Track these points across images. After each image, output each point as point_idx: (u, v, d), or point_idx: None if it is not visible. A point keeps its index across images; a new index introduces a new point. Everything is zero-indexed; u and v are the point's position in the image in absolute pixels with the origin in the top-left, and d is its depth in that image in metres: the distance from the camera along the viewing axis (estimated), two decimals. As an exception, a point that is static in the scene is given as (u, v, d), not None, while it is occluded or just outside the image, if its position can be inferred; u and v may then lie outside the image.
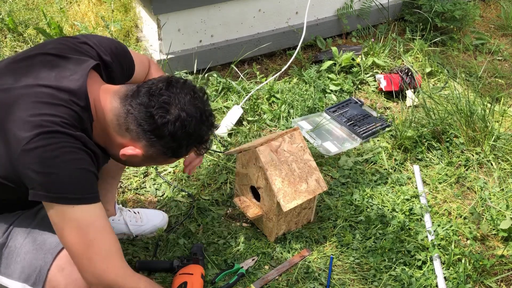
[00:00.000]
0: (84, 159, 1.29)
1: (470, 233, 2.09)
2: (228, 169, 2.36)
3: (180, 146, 1.37)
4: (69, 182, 1.26)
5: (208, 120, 1.40)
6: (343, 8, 3.38)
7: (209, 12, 2.84)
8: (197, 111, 1.35)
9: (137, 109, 1.31)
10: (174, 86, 1.34)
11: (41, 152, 1.22)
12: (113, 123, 1.34)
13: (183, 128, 1.32)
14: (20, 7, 3.42)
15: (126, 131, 1.33)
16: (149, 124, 1.30)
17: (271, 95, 2.83)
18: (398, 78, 2.92)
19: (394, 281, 1.90)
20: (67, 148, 1.25)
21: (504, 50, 3.52)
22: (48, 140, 1.23)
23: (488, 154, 2.45)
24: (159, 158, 1.41)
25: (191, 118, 1.33)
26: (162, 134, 1.32)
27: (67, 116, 1.27)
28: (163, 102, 1.31)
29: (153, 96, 1.31)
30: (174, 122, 1.31)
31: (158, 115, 1.30)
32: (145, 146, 1.35)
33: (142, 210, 2.06)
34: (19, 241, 1.42)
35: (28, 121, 1.24)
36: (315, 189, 1.95)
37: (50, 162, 1.23)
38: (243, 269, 1.89)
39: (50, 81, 1.31)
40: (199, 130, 1.37)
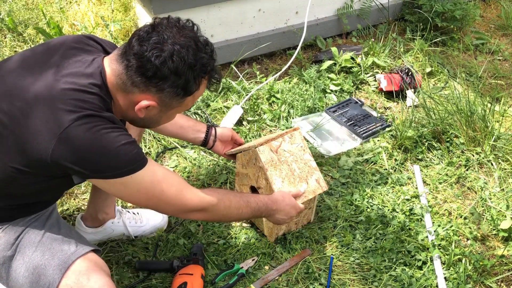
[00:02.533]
0: (121, 134, 1.32)
1: (470, 233, 2.09)
2: (228, 169, 2.35)
3: (188, 81, 1.34)
4: (115, 160, 1.30)
5: (206, 48, 1.38)
6: (343, 8, 3.38)
7: (209, 12, 2.84)
8: (190, 40, 1.34)
9: (134, 60, 1.31)
10: (159, 25, 1.34)
11: (81, 139, 1.25)
12: (119, 84, 1.35)
13: (182, 61, 1.31)
14: (19, 7, 3.41)
15: (132, 86, 1.34)
16: (149, 69, 1.30)
17: (271, 95, 2.82)
18: (398, 78, 2.92)
19: (394, 281, 1.90)
20: (104, 130, 1.28)
21: (504, 50, 3.52)
22: (84, 126, 1.26)
23: (488, 154, 2.45)
24: (174, 103, 1.40)
25: (186, 48, 1.32)
26: (165, 74, 1.31)
27: (92, 99, 1.31)
28: (154, 42, 1.30)
29: (143, 42, 1.31)
30: (171, 57, 1.30)
31: (154, 56, 1.29)
32: (156, 93, 1.35)
33: (142, 210, 2.06)
34: (28, 254, 1.42)
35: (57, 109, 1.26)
36: (315, 189, 1.95)
37: (90, 149, 1.27)
38: (243, 270, 1.89)
39: (69, 70, 1.34)
40: (200, 59, 1.35)
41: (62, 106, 1.27)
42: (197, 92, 1.41)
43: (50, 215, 1.56)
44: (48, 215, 1.55)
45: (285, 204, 1.79)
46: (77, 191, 2.20)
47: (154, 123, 1.51)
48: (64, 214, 2.09)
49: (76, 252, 1.42)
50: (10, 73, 1.37)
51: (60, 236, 1.47)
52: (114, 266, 1.89)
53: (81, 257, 1.41)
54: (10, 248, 1.43)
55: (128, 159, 1.32)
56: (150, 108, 1.38)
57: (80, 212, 2.09)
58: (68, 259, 1.40)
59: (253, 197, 1.72)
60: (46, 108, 1.27)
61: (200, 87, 1.41)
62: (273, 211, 1.76)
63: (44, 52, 1.41)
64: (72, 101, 1.28)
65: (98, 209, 1.90)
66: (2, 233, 1.44)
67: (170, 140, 2.49)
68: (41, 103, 1.28)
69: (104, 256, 1.93)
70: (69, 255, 1.41)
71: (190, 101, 1.44)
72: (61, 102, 1.27)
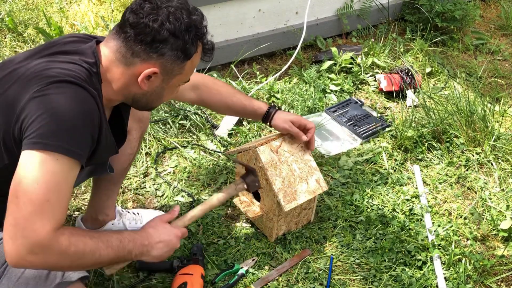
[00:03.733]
0: (89, 115, 1.27)
1: (470, 233, 2.09)
2: (228, 169, 2.35)
3: (186, 42, 1.34)
4: (66, 133, 1.21)
5: (196, 11, 1.39)
6: (343, 8, 3.38)
7: (209, 12, 2.84)
8: (182, 3, 1.35)
9: (131, 29, 1.31)
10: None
11: (51, 98, 1.22)
12: (118, 59, 1.35)
13: (179, 21, 1.32)
14: (20, 7, 3.42)
15: (132, 56, 1.33)
16: (147, 34, 1.30)
17: (271, 95, 2.82)
18: (398, 78, 2.92)
19: (394, 281, 1.90)
20: (79, 98, 1.25)
21: (504, 50, 3.52)
22: (59, 89, 1.23)
23: (488, 154, 2.45)
24: (176, 68, 1.38)
25: (180, 10, 1.33)
26: (164, 37, 1.31)
27: (79, 71, 1.29)
28: (149, 9, 1.31)
29: (138, 11, 1.32)
30: (168, 18, 1.30)
31: (151, 21, 1.30)
32: (157, 59, 1.34)
33: (142, 210, 2.06)
34: (12, 279, 1.35)
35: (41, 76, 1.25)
36: (315, 189, 1.95)
37: (53, 111, 1.21)
38: (243, 270, 1.89)
39: (62, 49, 1.34)
40: (194, 21, 1.36)
41: (43, 76, 1.25)
42: (195, 56, 1.40)
43: None
44: None
45: (160, 234, 1.46)
46: (77, 191, 2.20)
47: (157, 98, 1.47)
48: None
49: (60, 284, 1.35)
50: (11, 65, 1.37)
51: None
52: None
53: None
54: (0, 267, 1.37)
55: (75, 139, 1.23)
56: (152, 78, 1.37)
57: (80, 212, 2.09)
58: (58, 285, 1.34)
59: (115, 234, 1.37)
60: (32, 80, 1.26)
61: (198, 50, 1.40)
62: (145, 247, 1.42)
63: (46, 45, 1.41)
64: (58, 69, 1.27)
65: (98, 210, 1.90)
66: None
67: (170, 140, 2.49)
68: (30, 78, 1.27)
69: (104, 256, 1.93)
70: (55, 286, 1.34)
71: (189, 68, 1.43)
72: (44, 73, 1.26)
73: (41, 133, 1.19)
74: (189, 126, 2.58)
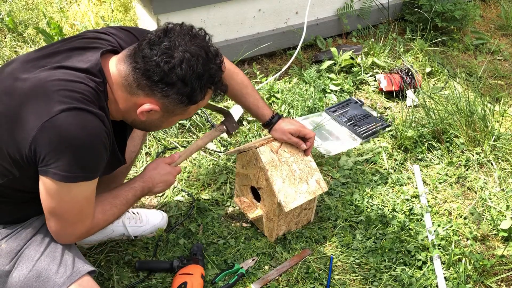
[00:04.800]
0: (103, 140, 1.31)
1: (470, 233, 2.09)
2: (228, 169, 2.36)
3: (194, 90, 1.33)
4: (86, 162, 1.29)
5: (216, 59, 1.36)
6: (343, 8, 3.38)
7: (209, 12, 2.84)
8: (201, 50, 1.33)
9: (142, 62, 1.30)
10: (172, 31, 1.33)
11: (61, 130, 1.23)
12: (124, 85, 1.35)
13: (191, 69, 1.30)
14: (20, 7, 3.42)
15: (137, 88, 1.33)
16: (157, 73, 1.29)
17: (271, 95, 2.82)
18: (398, 78, 2.92)
19: (394, 281, 1.90)
20: (88, 128, 1.27)
21: (504, 50, 3.51)
22: (70, 119, 1.24)
23: (488, 154, 2.45)
24: (177, 109, 1.38)
25: (196, 57, 1.31)
26: (172, 81, 1.30)
27: (86, 92, 1.29)
28: (165, 48, 1.29)
29: (154, 45, 1.30)
30: (180, 65, 1.29)
31: (163, 62, 1.28)
32: (160, 98, 1.34)
33: (142, 210, 2.06)
34: (24, 273, 1.40)
35: (48, 98, 1.25)
36: (315, 190, 1.95)
37: (67, 142, 1.24)
38: (243, 269, 1.89)
39: (67, 64, 1.34)
40: (209, 69, 1.34)
41: (53, 96, 1.26)
42: (201, 101, 1.40)
43: None
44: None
45: (161, 175, 1.67)
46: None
47: (154, 127, 1.51)
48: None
49: (70, 277, 1.39)
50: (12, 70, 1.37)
51: (59, 253, 1.44)
52: (114, 266, 1.90)
53: (74, 283, 1.39)
54: (9, 263, 1.41)
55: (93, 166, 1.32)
56: (152, 112, 1.38)
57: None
58: (61, 286, 1.37)
59: (129, 191, 1.58)
60: (39, 99, 1.26)
61: (205, 97, 1.40)
62: (150, 189, 1.65)
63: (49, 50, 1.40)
64: (65, 91, 1.27)
65: None
66: (5, 244, 1.43)
67: (170, 140, 2.50)
68: (35, 95, 1.27)
69: (104, 256, 1.93)
70: (64, 280, 1.38)
71: (193, 110, 1.43)
72: (53, 92, 1.26)
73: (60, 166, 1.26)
74: (189, 126, 2.58)
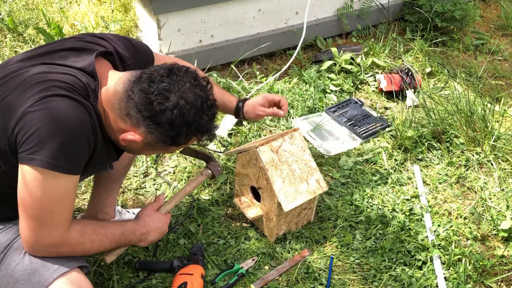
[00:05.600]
0: (83, 129, 1.29)
1: (470, 233, 2.09)
2: (228, 169, 2.35)
3: (179, 135, 1.35)
4: (66, 150, 1.25)
5: (210, 110, 1.38)
6: (343, 8, 3.38)
7: (209, 12, 2.84)
8: (197, 99, 1.34)
9: (138, 95, 1.31)
10: (175, 74, 1.34)
11: (45, 113, 1.22)
12: (115, 107, 1.35)
13: (182, 116, 1.31)
14: (20, 7, 3.42)
15: (126, 116, 1.33)
16: (148, 110, 1.30)
17: (271, 95, 2.82)
18: (398, 78, 2.92)
19: (394, 281, 1.90)
20: (73, 114, 1.25)
21: (504, 50, 3.52)
22: (54, 103, 1.24)
23: (488, 154, 2.45)
24: (158, 146, 1.39)
25: (190, 106, 1.32)
26: (160, 121, 1.31)
27: (75, 84, 1.29)
28: (163, 89, 1.30)
29: (153, 83, 1.31)
30: (172, 109, 1.30)
31: (157, 102, 1.29)
32: (144, 133, 1.34)
33: (142, 210, 2.05)
34: (11, 266, 1.39)
35: (35, 87, 1.25)
36: (315, 190, 1.95)
37: (48, 127, 1.22)
38: (243, 269, 1.89)
39: (61, 62, 1.34)
40: (199, 119, 1.35)
41: (41, 85, 1.26)
42: (184, 145, 1.42)
43: None
44: None
45: (155, 222, 1.61)
46: (77, 191, 2.20)
47: (134, 152, 1.53)
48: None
49: (57, 270, 1.37)
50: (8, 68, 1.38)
51: None
52: (114, 266, 1.89)
53: (62, 276, 1.36)
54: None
55: (74, 157, 1.28)
56: (133, 141, 1.37)
57: (80, 212, 2.09)
58: (48, 278, 1.35)
59: (118, 227, 1.51)
60: (26, 89, 1.27)
61: (189, 142, 1.42)
62: (143, 235, 1.57)
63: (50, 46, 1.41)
64: (53, 81, 1.27)
65: (98, 209, 1.90)
66: None
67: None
68: (27, 87, 1.27)
69: (104, 256, 1.93)
70: (51, 273, 1.36)
71: (174, 149, 1.45)
72: (42, 82, 1.27)
73: (38, 150, 1.23)
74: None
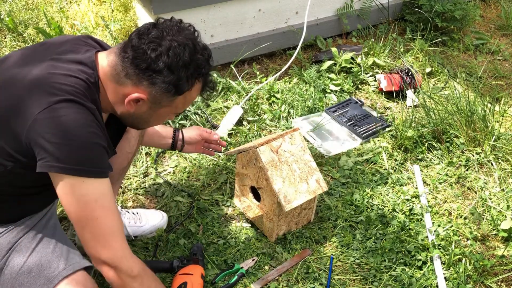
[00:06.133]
0: (97, 132, 1.30)
1: (470, 233, 2.09)
2: (228, 169, 2.35)
3: (180, 78, 1.35)
4: (82, 154, 1.27)
5: (204, 51, 1.38)
6: (343, 8, 3.38)
7: (209, 12, 2.84)
8: (188, 40, 1.35)
9: (131, 52, 1.33)
10: (160, 24, 1.36)
11: (56, 121, 1.24)
12: (113, 74, 1.36)
13: (177, 57, 1.32)
14: (20, 7, 3.41)
15: (125, 77, 1.34)
16: (144, 60, 1.31)
17: (271, 95, 2.82)
18: (398, 78, 2.92)
19: (394, 281, 1.90)
20: (81, 120, 1.27)
21: (504, 50, 3.52)
22: (62, 110, 1.25)
23: (488, 154, 2.45)
24: (164, 100, 1.39)
25: (183, 46, 1.33)
26: (159, 68, 1.32)
27: (77, 85, 1.30)
28: (153, 37, 1.32)
29: (142, 35, 1.33)
30: (167, 52, 1.31)
31: (150, 49, 1.31)
32: (147, 87, 1.35)
33: (142, 210, 2.06)
34: (15, 269, 1.39)
35: (41, 90, 1.26)
36: (315, 190, 1.95)
37: (64, 132, 1.24)
38: (243, 269, 1.89)
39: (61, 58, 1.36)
40: (196, 60, 1.36)
41: (46, 89, 1.27)
42: (188, 93, 1.40)
43: (47, 223, 1.54)
44: (45, 223, 1.53)
45: None
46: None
47: (143, 121, 1.50)
48: (64, 214, 2.09)
49: (62, 271, 1.38)
50: (8, 67, 1.38)
51: (51, 250, 1.44)
52: (114, 266, 1.89)
53: (67, 277, 1.38)
54: (0, 261, 1.41)
55: (93, 159, 1.29)
56: (140, 103, 1.38)
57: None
58: (53, 280, 1.36)
59: None
60: (34, 93, 1.27)
61: (193, 89, 1.40)
62: None
63: (43, 48, 1.42)
64: (57, 84, 1.28)
65: None
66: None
67: (170, 140, 2.49)
68: (32, 89, 1.28)
69: (104, 256, 1.93)
70: (56, 274, 1.38)
71: (181, 103, 1.43)
72: (46, 85, 1.28)
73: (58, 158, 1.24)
74: (189, 126, 2.58)
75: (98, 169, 1.31)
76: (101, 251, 1.33)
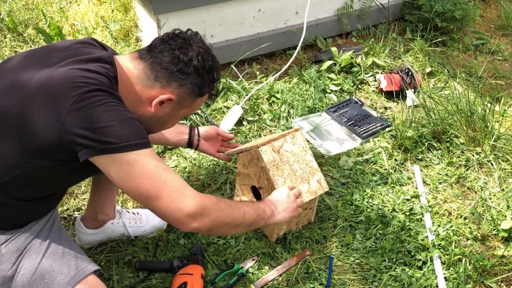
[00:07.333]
0: (129, 111, 1.34)
1: (470, 233, 2.09)
2: (228, 169, 2.35)
3: (204, 82, 1.48)
4: (127, 130, 1.29)
5: (215, 59, 1.54)
6: (343, 8, 3.38)
7: (209, 12, 2.84)
8: (208, 48, 1.51)
9: (161, 56, 1.43)
10: (180, 33, 1.49)
11: (90, 109, 1.26)
12: (141, 78, 1.43)
13: (204, 62, 1.46)
14: (20, 7, 3.41)
15: (155, 80, 1.43)
16: (175, 64, 1.42)
17: (271, 95, 2.82)
18: (398, 78, 2.92)
19: (394, 281, 1.90)
20: (112, 102, 1.30)
21: (504, 50, 3.52)
22: (92, 99, 1.27)
23: (488, 154, 2.45)
24: (188, 101, 1.50)
25: (207, 53, 1.48)
26: (189, 71, 1.44)
27: (100, 78, 1.33)
28: (181, 43, 1.45)
29: (170, 42, 1.44)
30: (197, 57, 1.44)
31: (182, 54, 1.43)
32: (176, 88, 1.45)
33: (142, 210, 2.06)
34: (27, 276, 1.40)
35: (67, 87, 1.27)
36: (316, 190, 1.95)
37: (102, 116, 1.26)
38: (243, 269, 1.89)
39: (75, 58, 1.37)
40: (216, 66, 1.52)
41: (70, 84, 1.27)
42: (205, 96, 1.54)
43: (52, 226, 1.54)
44: (50, 226, 1.53)
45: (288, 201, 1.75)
46: (77, 191, 2.20)
47: (161, 124, 1.55)
48: (64, 214, 2.09)
49: (75, 277, 1.40)
50: (11, 70, 1.37)
51: (60, 254, 1.44)
52: (114, 266, 1.90)
53: (80, 282, 1.39)
54: (11, 268, 1.40)
55: (139, 131, 1.32)
56: (164, 105, 1.46)
57: (80, 212, 2.09)
58: (67, 285, 1.38)
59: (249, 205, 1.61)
60: (50, 93, 1.27)
61: (210, 91, 1.55)
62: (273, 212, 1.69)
63: (48, 51, 1.41)
64: (81, 78, 1.29)
65: (97, 210, 1.90)
66: (5, 249, 1.42)
67: (170, 140, 2.49)
68: (43, 91, 1.27)
69: (104, 256, 1.93)
70: (69, 280, 1.39)
71: (198, 104, 1.55)
72: (68, 81, 1.28)
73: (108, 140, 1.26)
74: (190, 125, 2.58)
75: (145, 139, 1.33)
76: (183, 206, 1.34)
